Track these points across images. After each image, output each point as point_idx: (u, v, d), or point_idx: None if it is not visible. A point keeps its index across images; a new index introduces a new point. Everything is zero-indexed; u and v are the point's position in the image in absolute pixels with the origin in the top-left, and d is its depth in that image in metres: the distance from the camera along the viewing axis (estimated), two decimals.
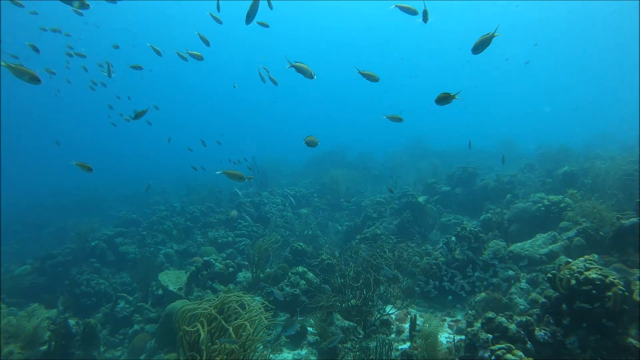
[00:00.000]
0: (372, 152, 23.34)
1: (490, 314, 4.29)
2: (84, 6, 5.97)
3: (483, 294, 6.26)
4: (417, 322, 5.74)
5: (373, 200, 11.79)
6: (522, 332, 4.04)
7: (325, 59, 59.77)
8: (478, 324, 5.45)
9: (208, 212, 12.76)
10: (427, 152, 21.49)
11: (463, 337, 5.56)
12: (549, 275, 4.33)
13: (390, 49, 52.86)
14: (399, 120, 5.76)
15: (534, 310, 4.96)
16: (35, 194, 24.62)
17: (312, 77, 5.58)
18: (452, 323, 6.28)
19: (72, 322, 6.70)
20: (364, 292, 5.91)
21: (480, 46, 4.59)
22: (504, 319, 4.18)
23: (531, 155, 17.63)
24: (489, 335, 4.09)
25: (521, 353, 3.62)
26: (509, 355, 3.56)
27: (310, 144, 6.05)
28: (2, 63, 3.61)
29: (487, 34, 4.51)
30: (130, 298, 8.00)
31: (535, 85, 59.05)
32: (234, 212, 7.71)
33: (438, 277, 6.76)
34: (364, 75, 5.69)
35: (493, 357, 3.72)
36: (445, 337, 5.76)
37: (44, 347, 6.00)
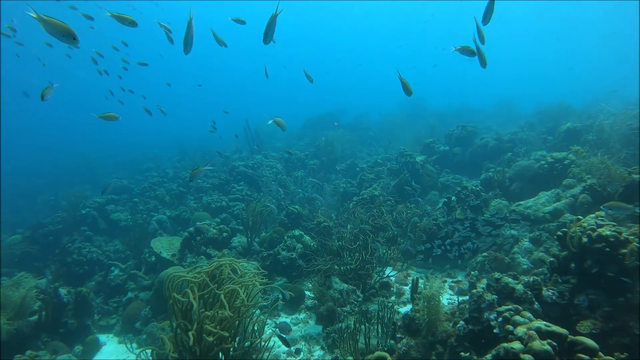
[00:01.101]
0: (369, 113, 22.83)
1: (496, 275, 4.10)
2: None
3: (485, 254, 6.10)
4: (419, 284, 5.57)
5: (370, 161, 11.50)
6: (529, 292, 3.86)
7: (324, 25, 58.50)
8: (481, 285, 5.31)
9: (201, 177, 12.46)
10: (425, 112, 21.01)
11: (466, 297, 5.44)
12: (559, 233, 4.11)
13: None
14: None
15: (540, 269, 4.79)
16: (30, 163, 24.15)
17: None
18: (453, 284, 6.14)
19: (63, 291, 6.52)
20: (363, 255, 5.72)
21: (487, 15, 4.25)
22: (510, 279, 3.99)
23: (530, 115, 17.25)
24: (494, 296, 3.91)
25: (530, 314, 3.43)
26: (517, 317, 3.37)
27: (279, 124, 6.02)
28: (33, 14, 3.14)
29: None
30: (123, 266, 7.81)
31: (536, 46, 57.83)
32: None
33: (438, 238, 6.58)
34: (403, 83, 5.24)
35: (500, 319, 3.54)
36: (446, 298, 5.62)
37: (34, 318, 5.82)
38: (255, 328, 3.89)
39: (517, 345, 2.96)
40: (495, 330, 3.58)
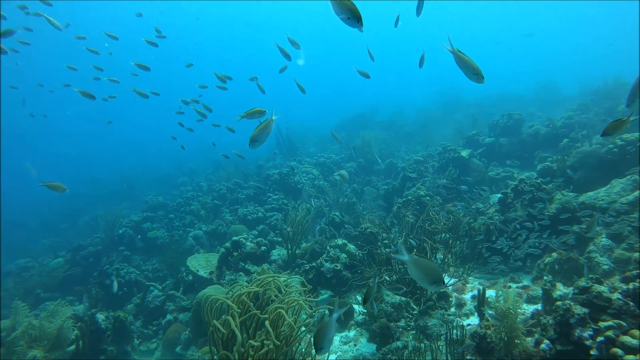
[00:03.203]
0: (402, 109, 22.03)
1: (583, 281, 3.43)
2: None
3: (554, 254, 5.37)
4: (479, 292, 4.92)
5: (410, 160, 10.85)
6: (632, 303, 3.17)
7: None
8: (558, 292, 4.61)
9: (235, 189, 12.18)
10: (461, 103, 20.05)
11: (538, 306, 4.75)
12: None
13: None
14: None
15: (635, 271, 4.05)
16: (69, 183, 24.86)
17: None
18: (520, 290, 5.44)
19: (101, 316, 6.26)
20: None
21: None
22: (603, 288, 3.31)
23: (577, 96, 16.06)
24: (585, 309, 3.25)
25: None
26: (626, 338, 2.71)
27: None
28: None
29: None
30: (160, 287, 7.53)
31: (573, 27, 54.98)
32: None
33: (496, 238, 5.90)
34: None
35: (601, 339, 2.89)
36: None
37: (72, 347, 5.56)
38: (303, 349, 3.44)
39: None
40: (593, 352, 2.94)
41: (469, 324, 4.71)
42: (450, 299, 5.48)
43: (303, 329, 3.64)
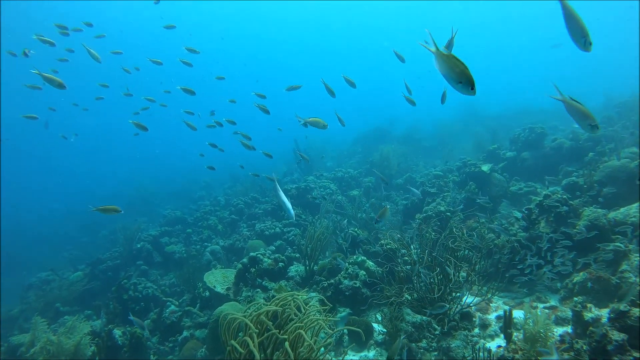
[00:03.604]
0: (419, 123, 21.87)
1: (622, 307, 3.23)
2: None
3: (583, 274, 5.13)
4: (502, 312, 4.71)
5: (429, 174, 10.68)
6: None
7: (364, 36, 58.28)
8: (590, 314, 4.38)
9: (253, 203, 12.15)
10: (481, 117, 19.80)
11: (567, 329, 4.53)
12: None
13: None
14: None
15: None
16: (89, 197, 25.15)
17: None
18: (547, 311, 5.20)
19: (118, 332, 6.23)
20: (437, 280, 4.96)
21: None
22: None
23: (600, 109, 15.68)
24: (623, 335, 3.06)
25: None
26: None
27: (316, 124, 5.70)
28: None
29: None
30: (177, 302, 7.47)
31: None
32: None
33: (521, 256, 5.69)
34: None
35: None
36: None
37: None
38: None
39: None
40: None
41: (497, 346, 4.51)
42: (474, 319, 5.28)
43: (322, 349, 3.52)
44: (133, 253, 10.47)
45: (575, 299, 4.69)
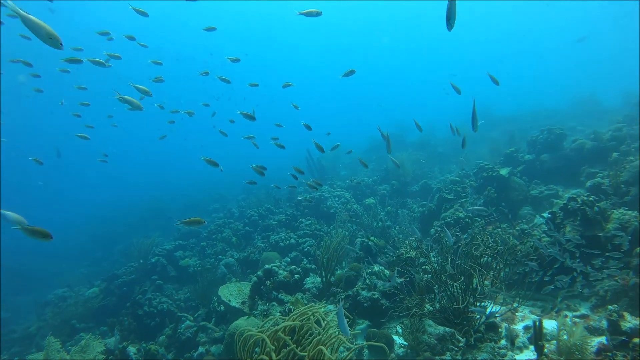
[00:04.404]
0: (433, 128, 21.60)
1: None
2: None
3: (615, 280, 4.86)
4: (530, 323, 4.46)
5: (446, 180, 10.44)
6: None
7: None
8: (629, 324, 4.11)
9: (267, 215, 12.02)
10: (495, 121, 19.48)
11: (602, 339, 4.26)
12: None
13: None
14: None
15: None
16: (103, 211, 25.32)
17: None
18: (577, 320, 4.93)
19: (132, 349, 6.11)
20: (458, 289, 4.74)
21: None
22: None
23: (619, 109, 15.29)
24: None
25: None
26: None
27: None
28: None
29: None
30: (192, 317, 7.33)
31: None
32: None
33: (547, 263, 5.45)
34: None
35: None
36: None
37: None
38: None
39: None
40: None
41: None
42: (500, 329, 5.02)
43: None
44: (148, 267, 10.40)
45: (610, 307, 4.42)
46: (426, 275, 5.47)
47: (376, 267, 6.26)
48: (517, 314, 5.40)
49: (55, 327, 9.11)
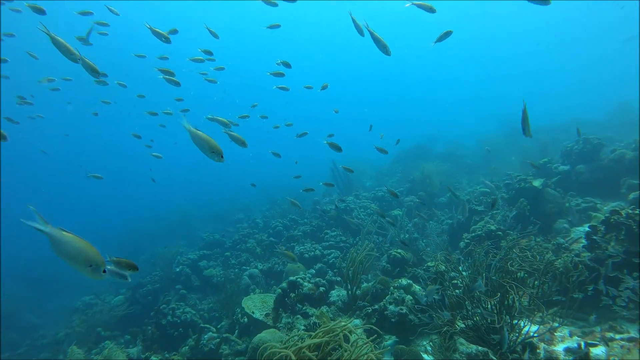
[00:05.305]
0: (461, 139, 21.17)
1: None
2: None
3: None
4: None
5: (475, 192, 10.12)
6: None
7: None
8: None
9: (291, 225, 11.91)
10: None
11: None
12: None
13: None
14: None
15: None
16: (130, 220, 25.70)
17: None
18: (625, 343, 4.57)
19: (155, 359, 6.04)
20: (497, 307, 4.46)
21: None
22: None
23: None
24: None
25: None
26: None
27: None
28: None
29: None
30: (215, 329, 7.23)
31: None
32: None
33: (589, 280, 5.11)
34: None
35: None
36: None
37: None
38: None
39: None
40: None
41: None
42: (538, 350, 4.71)
43: None
44: (172, 277, 10.42)
45: None
46: (456, 291, 5.21)
47: (404, 281, 6.03)
48: (556, 334, 5.07)
49: (82, 334, 9.19)
